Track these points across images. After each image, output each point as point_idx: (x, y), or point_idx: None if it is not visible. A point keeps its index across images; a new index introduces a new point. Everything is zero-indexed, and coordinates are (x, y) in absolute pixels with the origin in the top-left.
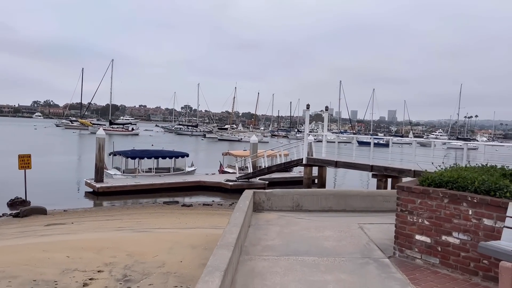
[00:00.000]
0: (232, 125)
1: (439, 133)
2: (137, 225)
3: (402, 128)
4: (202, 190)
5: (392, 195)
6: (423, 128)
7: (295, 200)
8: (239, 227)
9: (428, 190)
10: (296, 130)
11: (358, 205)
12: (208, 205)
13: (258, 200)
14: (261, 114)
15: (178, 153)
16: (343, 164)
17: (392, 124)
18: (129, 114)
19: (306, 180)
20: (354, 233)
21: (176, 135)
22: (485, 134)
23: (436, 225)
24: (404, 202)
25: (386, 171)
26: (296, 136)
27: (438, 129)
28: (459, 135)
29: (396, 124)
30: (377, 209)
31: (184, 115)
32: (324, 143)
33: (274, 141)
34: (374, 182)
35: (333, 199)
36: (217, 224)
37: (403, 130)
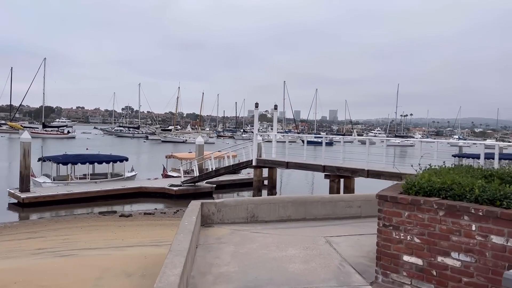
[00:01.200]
0: (176, 126)
1: (377, 131)
2: (62, 245)
3: (343, 127)
4: (144, 197)
5: (354, 200)
6: (362, 127)
7: (250, 210)
8: (183, 256)
9: (418, 200)
10: (242, 131)
11: (319, 213)
12: (150, 214)
13: (206, 212)
14: (206, 115)
15: (116, 157)
16: (294, 165)
17: (333, 123)
18: (66, 116)
19: (256, 183)
20: (322, 251)
21: (117, 137)
22: (419, 131)
23: (429, 244)
24: (387, 215)
25: (338, 171)
26: (242, 137)
27: (376, 128)
28: (397, 133)
29: (338, 123)
30: (339, 215)
31: (125, 116)
32: (274, 143)
33: (220, 142)
34: (327, 183)
35: (291, 207)
36: (159, 239)
37: (344, 129)
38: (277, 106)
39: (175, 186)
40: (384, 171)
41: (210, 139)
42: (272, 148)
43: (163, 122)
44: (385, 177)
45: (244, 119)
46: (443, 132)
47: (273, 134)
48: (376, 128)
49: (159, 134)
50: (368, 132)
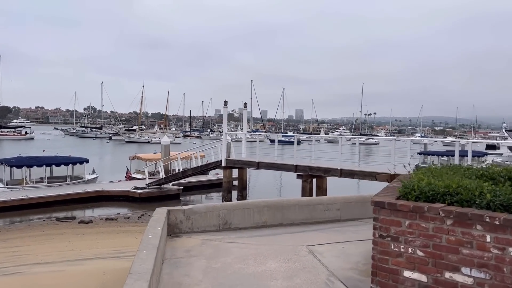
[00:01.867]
0: (141, 126)
1: (342, 130)
2: (10, 259)
3: (310, 126)
4: (106, 200)
5: (333, 203)
6: (328, 126)
7: (222, 216)
8: (146, 280)
9: (421, 207)
10: (209, 130)
11: (297, 217)
12: (112, 220)
13: (174, 220)
14: (172, 114)
15: (76, 159)
16: (265, 165)
17: (300, 122)
18: (24, 116)
19: (226, 184)
20: (306, 263)
21: (78, 138)
22: (383, 129)
23: (435, 257)
24: (384, 224)
25: (311, 171)
26: (210, 136)
27: (342, 126)
28: (362, 131)
29: (304, 122)
30: (318, 219)
31: (87, 116)
32: (244, 142)
33: (187, 142)
34: (299, 183)
35: (267, 212)
36: (121, 249)
37: (310, 128)
38: (246, 105)
39: (139, 189)
40: (357, 170)
41: (177, 139)
42: (241, 148)
43: (127, 122)
44: (358, 177)
45: (211, 119)
46: (405, 130)
47: (242, 134)
48: (342, 127)
49: (123, 135)
50: (334, 131)
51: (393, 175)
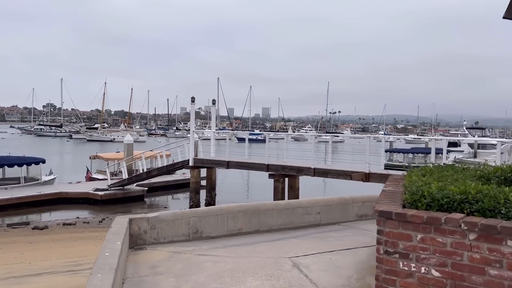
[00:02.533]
0: (103, 124)
1: (308, 128)
2: None
3: (276, 124)
4: (64, 203)
5: (312, 206)
6: (294, 124)
7: (193, 224)
8: None
9: (437, 218)
10: (175, 128)
11: (275, 222)
12: (70, 225)
13: (137, 230)
14: (136, 112)
15: (31, 159)
16: (235, 164)
17: (267, 120)
18: None
19: (193, 184)
20: (291, 280)
21: (37, 137)
22: (347, 128)
23: (454, 278)
24: (391, 238)
25: (283, 170)
26: (175, 135)
27: (307, 124)
28: (327, 129)
29: (271, 120)
30: (297, 224)
31: (46, 114)
32: (213, 141)
33: (152, 141)
34: (271, 183)
35: (243, 217)
36: (78, 260)
37: (277, 126)
38: (215, 101)
39: (100, 191)
40: (331, 169)
41: (141, 138)
42: (210, 146)
43: (89, 120)
44: (332, 175)
45: (176, 117)
46: (369, 128)
47: (211, 132)
48: (307, 125)
49: (84, 133)
50: (300, 129)
51: (368, 173)
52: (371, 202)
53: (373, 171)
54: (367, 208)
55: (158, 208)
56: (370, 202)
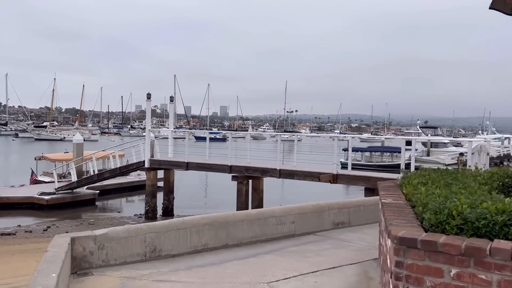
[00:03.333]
0: (53, 122)
1: (266, 127)
2: None
3: (235, 123)
4: (5, 209)
5: (286, 215)
6: (252, 123)
7: (150, 241)
8: None
9: (480, 248)
10: (129, 127)
11: (245, 235)
12: (9, 235)
13: (81, 252)
14: (88, 110)
15: None
16: (196, 166)
17: (225, 119)
18: None
19: (149, 188)
20: None
21: None
22: (304, 126)
23: None
24: (415, 272)
25: (247, 172)
26: (130, 133)
27: (265, 123)
28: (286, 128)
29: (229, 119)
30: (270, 236)
31: None
32: (171, 140)
33: (105, 140)
34: (234, 185)
35: (209, 231)
36: (12, 281)
37: (236, 124)
38: (173, 98)
39: (47, 195)
40: (297, 171)
41: (93, 136)
42: (167, 146)
43: (37, 118)
44: (298, 177)
45: (131, 115)
46: (325, 127)
47: (169, 130)
48: (265, 123)
49: (31, 131)
50: (258, 127)
51: (336, 175)
52: (347, 208)
53: (341, 172)
54: (343, 215)
55: (111, 212)
56: (346, 208)
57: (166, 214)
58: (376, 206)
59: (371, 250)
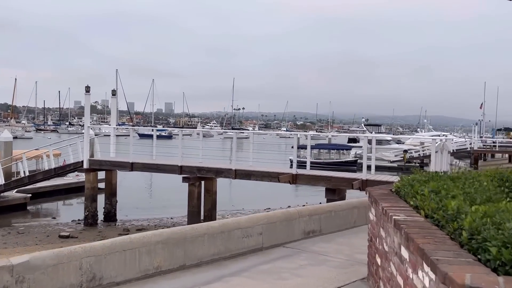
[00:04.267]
0: None
1: (213, 124)
2: None
3: (180, 120)
4: None
5: (253, 226)
6: (199, 120)
7: (87, 268)
8: None
9: None
10: (68, 123)
11: (206, 252)
12: None
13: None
14: (21, 106)
15: None
16: (141, 166)
17: (170, 116)
18: None
19: (89, 191)
20: None
21: None
22: (251, 124)
23: None
24: None
25: (200, 172)
26: (68, 130)
27: (212, 120)
28: (233, 126)
29: (174, 116)
30: (235, 252)
31: None
32: (113, 138)
33: (41, 137)
34: (185, 187)
35: (162, 250)
36: None
37: (181, 121)
38: (115, 92)
39: None
40: (254, 171)
41: (27, 134)
42: (109, 145)
43: None
44: (256, 178)
45: (70, 111)
46: (271, 125)
47: (111, 127)
48: (212, 121)
49: None
50: (204, 125)
51: (295, 175)
52: (318, 214)
53: (300, 172)
54: (314, 222)
55: (45, 218)
56: (317, 214)
57: (108, 220)
58: (348, 211)
59: (354, 266)
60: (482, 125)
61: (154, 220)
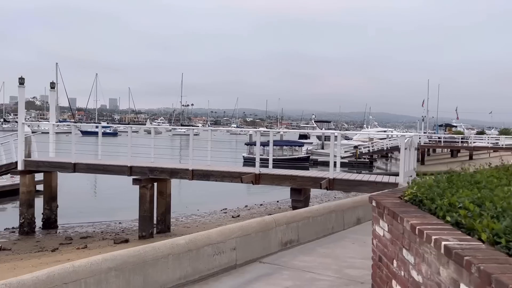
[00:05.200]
0: None
1: (160, 121)
2: None
3: (126, 116)
4: None
5: (226, 239)
6: (146, 116)
7: None
8: None
9: None
10: (2, 120)
11: (171, 276)
12: None
13: None
14: None
15: None
16: (85, 167)
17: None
18: None
19: (24, 195)
20: None
21: None
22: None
23: None
24: None
25: (152, 173)
26: (3, 128)
27: (160, 117)
28: (182, 122)
29: (119, 112)
30: (205, 273)
31: None
32: (53, 136)
33: None
34: (136, 189)
35: (116, 279)
36: None
37: (127, 118)
38: (54, 85)
39: None
40: (213, 171)
41: None
42: (48, 144)
43: None
44: (215, 178)
45: (4, 107)
46: (221, 121)
47: (50, 124)
48: (160, 117)
49: None
50: (152, 121)
51: (258, 175)
52: (296, 222)
53: (264, 172)
54: (292, 231)
55: None
56: (295, 222)
57: (48, 227)
58: (326, 216)
59: (349, 287)
60: (426, 121)
61: (100, 225)
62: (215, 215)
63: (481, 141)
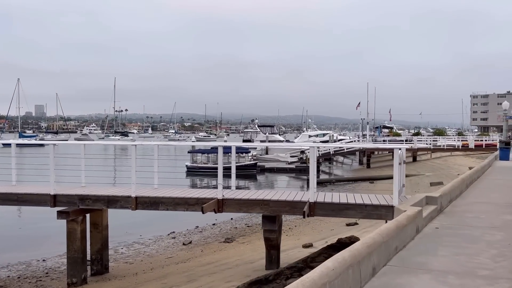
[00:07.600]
0: None
1: (92, 127)
2: None
3: (54, 124)
4: None
5: None
6: (76, 123)
7: None
8: None
9: None
10: None
11: None
12: None
13: None
14: None
15: None
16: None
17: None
18: None
19: None
20: None
21: None
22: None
23: None
24: None
25: (83, 203)
26: None
27: (91, 123)
28: (116, 129)
29: (47, 119)
30: None
31: None
32: None
33: None
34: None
35: None
36: None
37: (55, 125)
38: None
39: None
40: (164, 197)
41: None
42: None
43: None
44: (166, 207)
45: None
46: (157, 126)
47: None
48: (91, 124)
49: None
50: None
51: (221, 200)
52: None
53: (228, 196)
54: None
55: None
56: None
57: None
58: (343, 276)
59: None
60: (365, 123)
61: (18, 266)
62: (162, 242)
63: (420, 142)
